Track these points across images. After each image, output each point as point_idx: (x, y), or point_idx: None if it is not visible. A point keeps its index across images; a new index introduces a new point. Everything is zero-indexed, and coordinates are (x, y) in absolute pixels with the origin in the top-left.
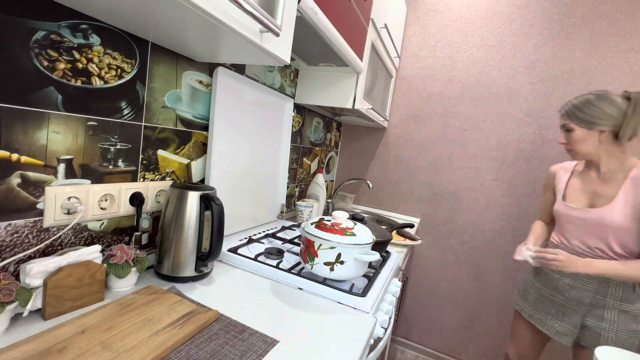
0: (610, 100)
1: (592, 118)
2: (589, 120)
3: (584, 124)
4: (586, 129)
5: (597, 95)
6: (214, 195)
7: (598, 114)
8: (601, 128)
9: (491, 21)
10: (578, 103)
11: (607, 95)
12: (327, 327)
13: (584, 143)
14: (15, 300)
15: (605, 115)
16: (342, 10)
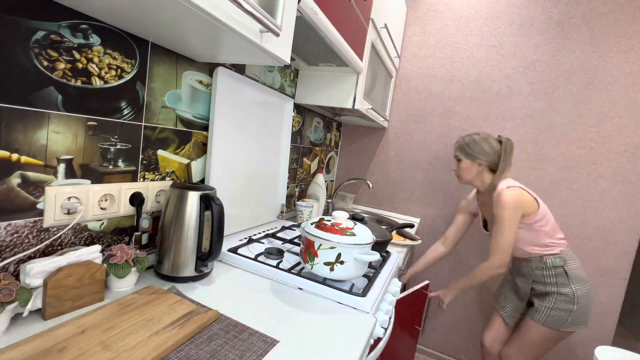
0: (489, 142)
1: (475, 153)
2: (472, 154)
3: (468, 157)
4: (470, 161)
5: (481, 137)
6: (214, 195)
7: (479, 150)
8: (479, 161)
9: (491, 21)
10: (467, 139)
11: (487, 137)
12: (327, 327)
13: (468, 172)
14: (15, 300)
15: (483, 152)
16: (342, 10)
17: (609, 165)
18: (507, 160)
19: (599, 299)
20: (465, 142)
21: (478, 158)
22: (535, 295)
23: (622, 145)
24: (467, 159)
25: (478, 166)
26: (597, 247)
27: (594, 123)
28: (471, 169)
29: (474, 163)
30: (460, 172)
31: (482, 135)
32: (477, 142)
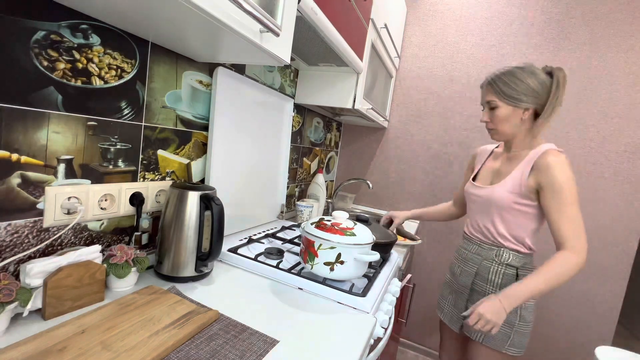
0: (536, 75)
1: (518, 94)
2: (515, 97)
3: (510, 100)
4: (512, 107)
5: (522, 69)
6: (214, 195)
7: (524, 89)
8: (526, 106)
9: (491, 21)
10: (503, 76)
11: (532, 69)
12: (327, 327)
13: (507, 122)
14: (15, 300)
15: (531, 92)
16: (342, 10)
17: (609, 165)
18: (559, 100)
19: (599, 299)
20: (502, 79)
21: (523, 101)
22: (471, 300)
23: (622, 145)
24: (508, 103)
25: (523, 112)
26: (597, 247)
27: (594, 123)
28: (513, 117)
29: (518, 109)
30: (496, 124)
31: (525, 67)
32: (519, 79)
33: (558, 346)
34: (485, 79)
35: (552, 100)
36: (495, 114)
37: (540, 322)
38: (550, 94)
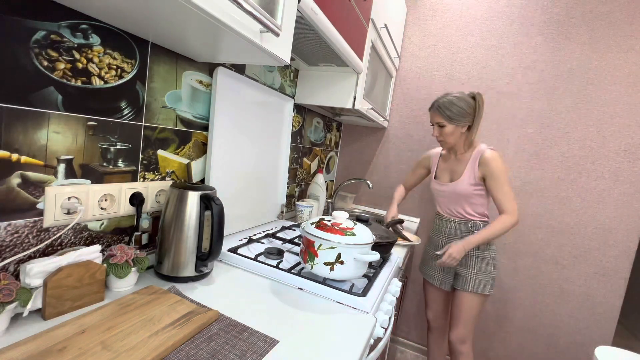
0: (466, 101)
1: (457, 117)
2: (455, 119)
3: (453, 121)
4: (454, 125)
5: (457, 97)
6: (214, 195)
7: (461, 112)
8: (463, 124)
9: (491, 21)
10: (446, 104)
11: (462, 96)
12: (327, 327)
13: (452, 136)
14: (15, 300)
15: (464, 113)
16: (342, 10)
17: (609, 165)
18: (481, 115)
19: (599, 299)
20: (444, 105)
21: (461, 121)
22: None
23: (622, 145)
24: (451, 123)
25: (462, 128)
26: (597, 247)
27: (594, 123)
28: (455, 132)
29: (458, 126)
30: (444, 137)
31: (457, 95)
32: (455, 104)
33: (558, 346)
34: (433, 104)
35: (478, 116)
36: (443, 131)
37: (540, 322)
38: (475, 112)
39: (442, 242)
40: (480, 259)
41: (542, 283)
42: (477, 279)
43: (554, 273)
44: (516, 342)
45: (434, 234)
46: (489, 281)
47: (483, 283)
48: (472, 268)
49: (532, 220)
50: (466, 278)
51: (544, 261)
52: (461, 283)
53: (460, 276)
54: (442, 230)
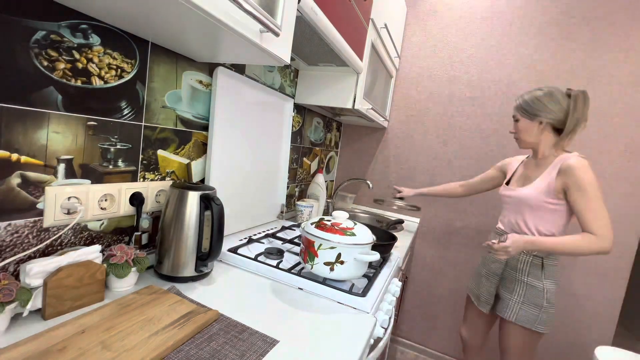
0: (554, 97)
1: (533, 110)
2: (531, 112)
3: (527, 115)
4: (528, 120)
5: (544, 92)
6: (214, 195)
7: (540, 107)
8: (540, 119)
9: (491, 21)
10: (527, 98)
11: (552, 92)
12: (327, 327)
13: (526, 132)
14: (15, 300)
15: (546, 109)
16: (342, 10)
17: (609, 165)
18: (579, 117)
19: (599, 299)
20: (524, 99)
21: (538, 115)
22: (504, 286)
23: (622, 145)
24: (524, 117)
25: (539, 125)
26: None
27: (594, 123)
28: (530, 129)
29: (534, 122)
30: (519, 134)
31: (545, 90)
32: (538, 99)
33: (558, 346)
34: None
35: (572, 117)
36: (517, 126)
37: None
38: (568, 111)
39: (489, 257)
40: (529, 287)
41: None
42: (521, 309)
43: None
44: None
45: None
46: (538, 317)
47: (529, 316)
48: (517, 295)
49: None
50: (508, 305)
51: None
52: (501, 308)
53: (502, 300)
54: None
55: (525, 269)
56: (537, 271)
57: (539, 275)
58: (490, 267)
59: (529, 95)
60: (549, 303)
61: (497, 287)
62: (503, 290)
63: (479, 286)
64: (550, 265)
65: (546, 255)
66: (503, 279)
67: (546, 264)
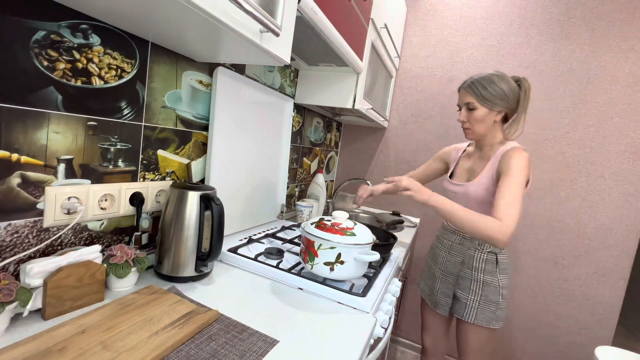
0: (508, 82)
1: (494, 98)
2: (490, 100)
3: (487, 103)
4: (487, 109)
5: (497, 75)
6: (214, 195)
7: (499, 93)
8: (499, 109)
9: (491, 21)
10: (482, 80)
11: (504, 76)
12: (327, 327)
13: (482, 123)
14: (15, 300)
15: (504, 96)
16: (342, 10)
17: (609, 165)
18: (525, 107)
19: (599, 299)
20: (480, 83)
21: (497, 104)
22: (460, 286)
23: (622, 145)
24: (484, 105)
25: (496, 115)
26: (597, 247)
27: (594, 123)
28: (487, 119)
29: (492, 112)
30: (471, 124)
31: (499, 75)
32: (494, 83)
33: (558, 346)
34: (465, 82)
35: (522, 106)
36: (473, 115)
37: (540, 322)
38: (518, 101)
39: (442, 256)
40: (485, 285)
41: (542, 283)
42: (480, 309)
43: (554, 273)
44: (516, 342)
45: (435, 246)
46: (495, 313)
47: (487, 315)
48: (474, 294)
49: (532, 220)
50: (466, 305)
51: (544, 261)
52: (459, 310)
53: (459, 301)
54: (443, 243)
55: (480, 266)
56: (492, 267)
57: (494, 271)
58: (446, 268)
59: (485, 81)
60: (504, 298)
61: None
62: (459, 290)
63: (434, 289)
64: (504, 260)
65: (499, 251)
66: (460, 278)
67: (500, 259)
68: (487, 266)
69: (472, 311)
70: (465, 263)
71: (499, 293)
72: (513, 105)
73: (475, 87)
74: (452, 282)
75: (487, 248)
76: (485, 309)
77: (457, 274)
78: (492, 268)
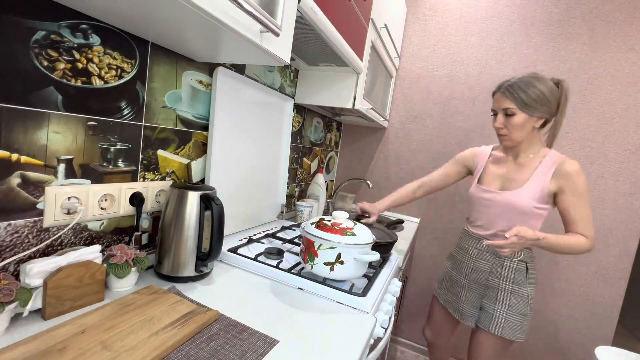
0: (547, 84)
1: (534, 103)
2: (532, 105)
3: (526, 109)
4: (527, 115)
5: (537, 78)
6: (214, 195)
7: (540, 99)
8: (540, 115)
9: (491, 21)
10: (521, 84)
11: (543, 77)
12: (327, 327)
13: (522, 130)
14: (15, 300)
15: (545, 101)
16: (342, 10)
17: (609, 165)
18: (564, 111)
19: (598, 299)
20: (519, 86)
21: (538, 110)
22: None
23: (622, 145)
24: (524, 111)
25: (536, 121)
26: (597, 247)
27: (594, 123)
28: (526, 126)
29: (532, 117)
30: (510, 130)
31: (540, 78)
32: (534, 86)
33: (558, 346)
34: (502, 85)
35: (562, 110)
36: (511, 121)
37: (540, 322)
38: (558, 104)
39: (467, 264)
40: (515, 296)
41: (541, 283)
42: (508, 321)
43: (554, 273)
44: (516, 342)
45: (458, 253)
46: (522, 325)
47: (514, 327)
48: (503, 304)
49: None
50: (494, 316)
51: (543, 261)
52: (485, 320)
53: (486, 312)
54: (468, 250)
55: (509, 275)
56: (521, 277)
57: (524, 282)
58: (472, 277)
59: (525, 84)
60: (531, 310)
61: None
62: (486, 301)
63: (459, 297)
64: (533, 270)
65: (529, 260)
66: (487, 288)
67: (530, 268)
68: (516, 276)
69: (500, 322)
70: (493, 272)
71: (527, 304)
72: (554, 110)
73: (515, 90)
74: (480, 292)
75: (518, 257)
76: (512, 321)
77: (485, 283)
78: (521, 277)
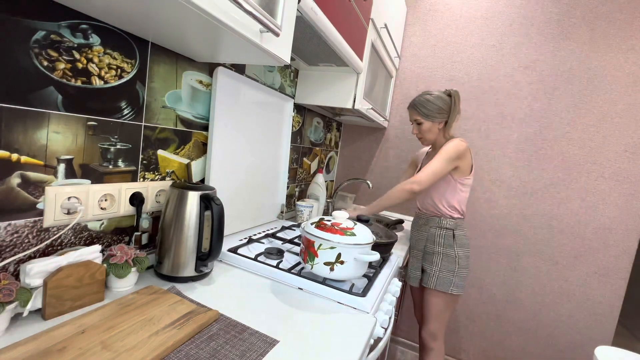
0: (441, 98)
1: (433, 113)
2: (432, 115)
3: (429, 118)
4: (430, 122)
5: (434, 96)
6: (214, 195)
7: (436, 109)
8: (439, 120)
9: (491, 21)
10: (422, 101)
11: (437, 94)
12: (327, 327)
13: (430, 132)
14: (15, 300)
15: (440, 110)
16: (342, 10)
17: (609, 165)
18: (456, 111)
19: (599, 299)
20: (420, 103)
21: (437, 117)
22: (425, 259)
23: (622, 145)
24: (427, 120)
25: (438, 125)
26: (597, 247)
27: (594, 123)
28: (432, 129)
29: (435, 123)
30: (423, 134)
31: (433, 93)
32: (431, 102)
33: (558, 346)
34: (410, 103)
35: (453, 112)
36: (421, 128)
37: (540, 322)
38: (451, 108)
39: (413, 236)
40: (444, 256)
41: (542, 283)
42: (440, 277)
43: (554, 273)
44: (516, 342)
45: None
46: (452, 280)
47: (445, 281)
48: (436, 264)
49: (532, 220)
50: (430, 275)
51: (543, 261)
52: (425, 279)
53: (425, 272)
54: (414, 227)
55: (440, 241)
56: (449, 241)
57: (452, 245)
58: (415, 245)
59: (422, 99)
60: (460, 267)
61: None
62: (425, 264)
63: (408, 265)
64: (460, 235)
65: (455, 227)
66: (425, 253)
67: (457, 234)
68: (445, 241)
69: (434, 279)
70: (429, 239)
71: (455, 262)
72: (448, 113)
73: (417, 107)
74: (420, 257)
75: (444, 225)
76: (443, 276)
77: (424, 249)
78: (450, 242)
